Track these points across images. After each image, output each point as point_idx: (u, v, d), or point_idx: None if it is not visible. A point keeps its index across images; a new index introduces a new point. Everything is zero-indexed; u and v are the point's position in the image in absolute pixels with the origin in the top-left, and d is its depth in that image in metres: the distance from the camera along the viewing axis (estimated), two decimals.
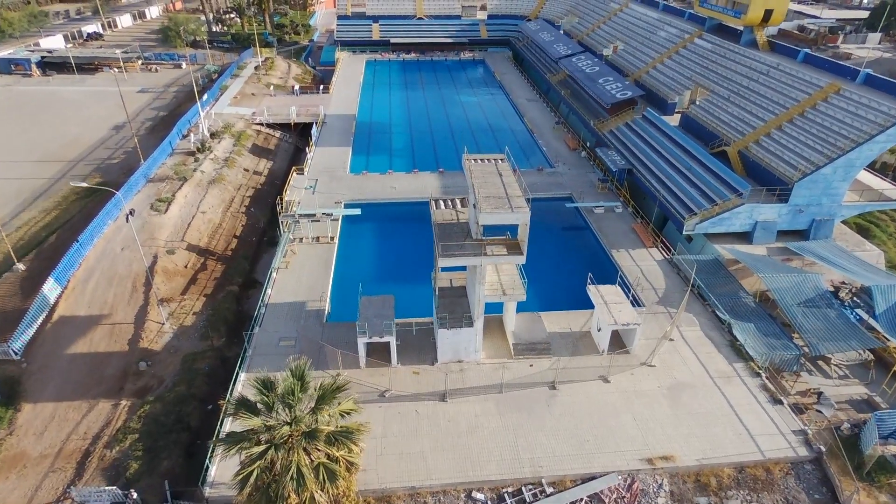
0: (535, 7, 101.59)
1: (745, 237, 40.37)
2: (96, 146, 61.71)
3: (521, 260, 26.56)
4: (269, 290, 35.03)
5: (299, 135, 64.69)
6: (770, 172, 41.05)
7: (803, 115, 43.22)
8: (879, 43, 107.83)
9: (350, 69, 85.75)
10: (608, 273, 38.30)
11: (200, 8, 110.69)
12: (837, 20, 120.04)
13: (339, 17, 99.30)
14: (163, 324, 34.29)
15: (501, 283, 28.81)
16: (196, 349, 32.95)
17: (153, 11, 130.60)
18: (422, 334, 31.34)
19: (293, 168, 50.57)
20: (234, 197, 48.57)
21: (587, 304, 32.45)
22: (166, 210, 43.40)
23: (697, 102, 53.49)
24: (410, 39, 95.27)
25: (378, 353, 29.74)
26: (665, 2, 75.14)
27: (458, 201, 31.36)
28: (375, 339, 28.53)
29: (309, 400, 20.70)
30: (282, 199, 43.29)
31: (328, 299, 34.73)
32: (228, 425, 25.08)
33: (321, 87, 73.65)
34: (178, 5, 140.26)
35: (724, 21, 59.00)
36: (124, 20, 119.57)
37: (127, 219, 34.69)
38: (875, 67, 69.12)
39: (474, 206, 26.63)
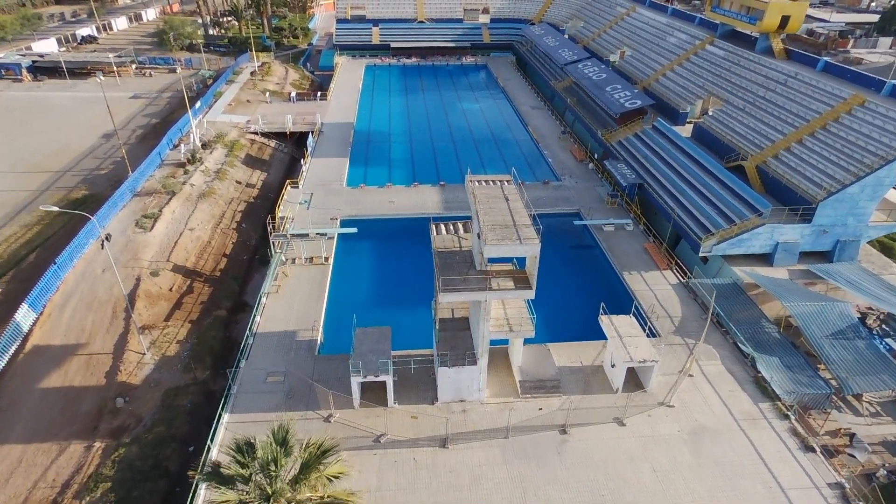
0: (538, 11, 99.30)
1: (765, 258, 38.03)
2: (84, 155, 59.51)
3: (530, 295, 24.23)
4: (257, 318, 32.70)
5: (295, 144, 62.42)
6: (791, 190, 38.69)
7: (825, 129, 40.84)
8: (891, 47, 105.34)
9: (349, 74, 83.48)
10: (620, 298, 35.97)
11: (197, 10, 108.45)
12: (847, 24, 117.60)
13: (339, 21, 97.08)
14: (143, 354, 31.98)
15: (508, 318, 26.48)
16: (178, 383, 30.64)
17: (150, 14, 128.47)
18: (421, 369, 28.98)
19: (287, 182, 48.25)
20: (224, 212, 46.26)
21: (598, 333, 30.12)
22: (152, 227, 41.11)
23: (710, 113, 51.14)
24: (411, 44, 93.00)
25: (373, 391, 27.42)
26: (673, 6, 72.78)
27: (460, 226, 29.01)
28: (370, 379, 26.19)
29: (293, 462, 18.39)
30: (273, 219, 40.93)
31: (321, 328, 32.38)
32: (203, 495, 22.48)
33: (319, 93, 71.34)
34: (176, 7, 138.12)
35: (737, 27, 56.71)
36: (120, 23, 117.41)
37: (102, 245, 32.31)
38: (889, 73, 66.67)
39: (478, 235, 24.29)
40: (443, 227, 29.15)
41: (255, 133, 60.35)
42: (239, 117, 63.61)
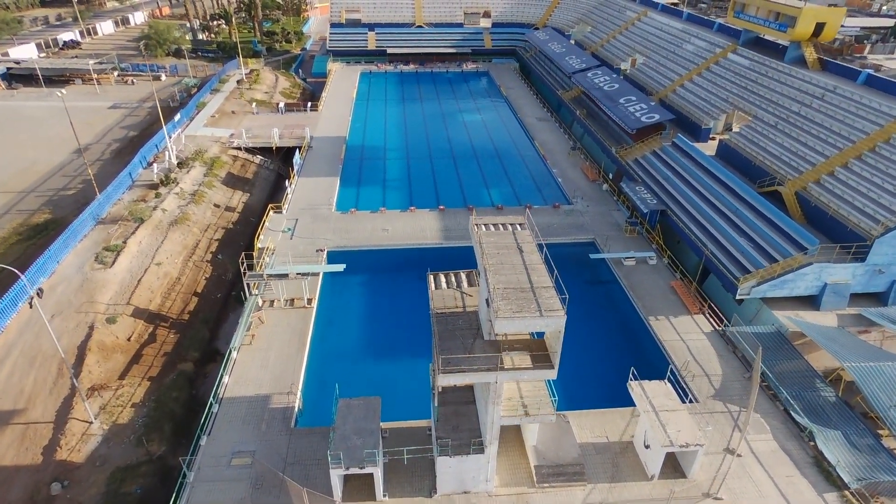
0: (542, 15, 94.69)
1: (810, 300, 33.29)
2: (52, 173, 54.73)
3: (552, 375, 19.46)
4: (225, 379, 27.90)
5: (282, 159, 57.64)
6: (838, 222, 33.96)
7: (874, 151, 36.15)
8: None
9: (342, 83, 78.72)
10: (647, 351, 31.30)
11: (185, 13, 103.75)
12: (862, 28, 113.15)
13: (332, 25, 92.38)
14: (90, 423, 27.15)
15: (522, 398, 21.72)
16: (129, 460, 25.84)
17: (138, 17, 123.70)
18: (417, 448, 24.18)
19: (269, 206, 43.44)
20: (198, 241, 41.47)
21: (624, 395, 25.33)
22: (113, 262, 36.29)
23: (737, 129, 46.46)
24: (409, 50, 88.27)
25: (359, 480, 22.63)
26: (689, 11, 68.17)
27: (463, 277, 24.27)
28: (354, 471, 21.39)
29: None
30: (252, 251, 36.16)
31: (299, 391, 27.59)
32: None
33: (309, 104, 66.56)
34: (166, 10, 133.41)
35: (763, 34, 52.08)
36: (105, 27, 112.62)
37: (30, 304, 27.45)
38: None
39: (487, 301, 19.55)
40: (443, 278, 24.41)
41: (239, 148, 55.58)
42: (222, 131, 58.82)
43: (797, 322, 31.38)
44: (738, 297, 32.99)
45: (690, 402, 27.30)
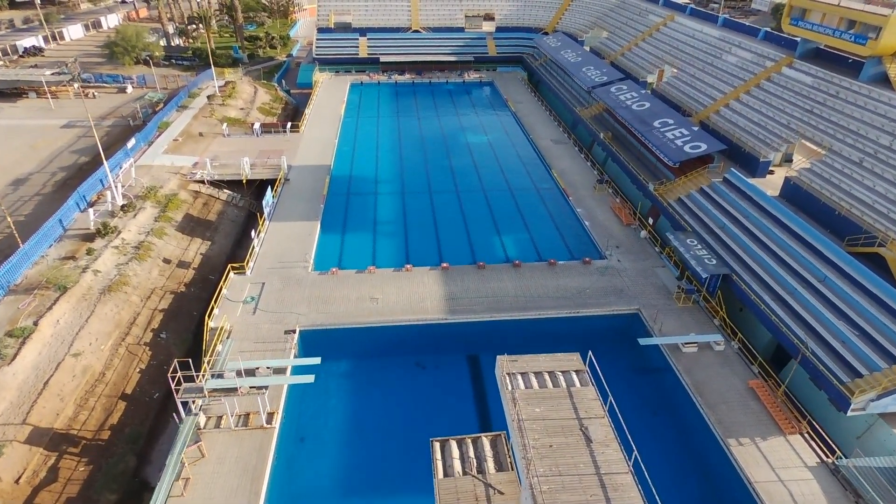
0: (552, 18, 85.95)
1: None
2: None
3: None
4: None
5: (255, 194, 48.76)
6: None
7: None
8: None
9: (329, 97, 69.85)
10: (731, 499, 22.69)
11: (160, 17, 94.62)
12: None
13: (320, 30, 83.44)
14: None
15: None
16: None
17: (111, 20, 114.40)
18: None
19: (229, 266, 34.67)
20: (137, 314, 32.70)
21: None
22: (14, 356, 27.48)
23: (806, 164, 37.87)
24: (404, 58, 79.37)
25: None
26: (725, 15, 59.57)
27: (484, 446, 15.67)
28: None
29: None
30: (201, 334, 27.47)
31: None
32: None
33: (289, 124, 57.69)
34: (143, 13, 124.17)
35: (826, 45, 43.49)
36: (74, 31, 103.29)
37: None
38: None
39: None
40: (453, 446, 15.79)
41: (202, 182, 46.72)
42: (184, 159, 49.96)
43: None
44: (851, 413, 24.45)
45: None
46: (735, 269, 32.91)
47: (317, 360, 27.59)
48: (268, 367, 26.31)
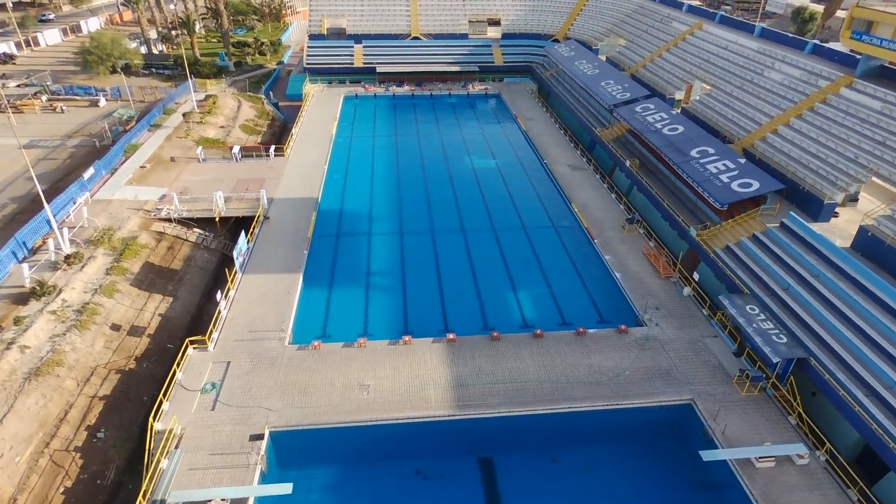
0: (563, 24, 79.56)
1: None
2: None
3: None
4: None
5: (231, 233, 42.38)
6: None
7: None
8: None
9: (320, 111, 63.49)
10: None
11: (142, 22, 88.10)
12: None
13: (311, 37, 77.06)
14: None
15: None
16: None
17: (92, 24, 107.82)
18: None
19: (186, 341, 28.30)
20: (70, 406, 26.34)
21: None
22: None
23: (886, 210, 31.48)
24: (403, 67, 72.93)
25: None
26: (763, 24, 53.12)
27: None
28: None
29: None
30: (149, 442, 21.16)
31: None
32: None
33: (273, 147, 51.28)
34: (127, 16, 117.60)
35: (891, 63, 37.25)
36: (50, 36, 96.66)
37: None
38: None
39: None
40: None
41: (168, 220, 40.33)
42: (150, 191, 43.56)
43: None
44: None
45: None
46: (811, 349, 26.57)
47: (287, 489, 21.24)
48: (222, 501, 20.09)
